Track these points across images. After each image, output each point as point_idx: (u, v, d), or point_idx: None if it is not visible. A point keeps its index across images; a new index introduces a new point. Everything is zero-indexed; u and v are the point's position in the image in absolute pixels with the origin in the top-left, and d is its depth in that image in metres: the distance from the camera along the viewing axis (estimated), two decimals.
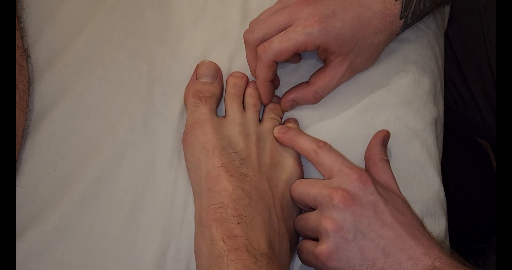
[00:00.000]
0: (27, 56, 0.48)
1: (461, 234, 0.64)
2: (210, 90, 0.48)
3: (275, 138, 0.47)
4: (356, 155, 0.48)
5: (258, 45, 0.46)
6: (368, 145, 0.47)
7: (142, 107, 0.48)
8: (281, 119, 0.50)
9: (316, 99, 0.49)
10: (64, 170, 0.45)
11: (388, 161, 0.46)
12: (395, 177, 0.46)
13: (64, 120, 0.47)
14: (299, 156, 0.48)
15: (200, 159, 0.44)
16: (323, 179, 0.45)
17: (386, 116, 0.49)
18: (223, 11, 0.51)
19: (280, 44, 0.45)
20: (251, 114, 0.48)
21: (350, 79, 0.49)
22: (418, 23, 0.52)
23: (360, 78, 0.50)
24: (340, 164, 0.43)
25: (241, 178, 0.43)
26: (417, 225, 0.42)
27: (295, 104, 0.49)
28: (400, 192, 0.45)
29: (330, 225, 0.41)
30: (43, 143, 0.46)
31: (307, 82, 0.49)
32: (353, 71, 0.48)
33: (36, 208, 0.44)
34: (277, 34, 0.45)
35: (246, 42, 0.47)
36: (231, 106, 0.48)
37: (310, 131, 0.49)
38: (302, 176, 0.47)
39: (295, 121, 0.49)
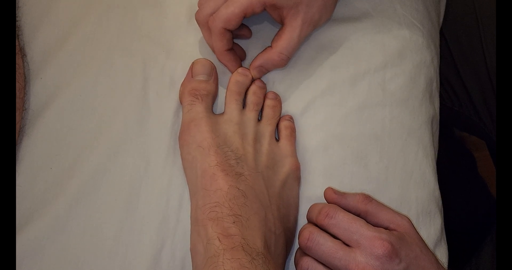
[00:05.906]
0: (23, 54, 0.48)
1: (456, 236, 0.64)
2: (206, 88, 0.47)
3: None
4: (352, 154, 0.48)
5: None
6: (338, 207, 0.43)
7: (137, 105, 0.48)
8: (279, 115, 0.49)
9: (282, 60, 0.48)
10: (60, 168, 0.45)
11: (361, 195, 0.44)
12: (391, 176, 0.45)
13: (59, 118, 0.47)
14: (296, 157, 0.47)
15: (196, 157, 0.44)
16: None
17: (382, 114, 0.49)
18: None
19: (226, 9, 0.45)
20: (249, 113, 0.48)
21: (346, 77, 0.49)
22: (413, 20, 0.51)
23: (356, 77, 0.50)
24: (357, 235, 0.41)
25: (237, 177, 0.43)
26: None
27: (264, 70, 0.49)
28: (407, 218, 0.43)
29: None
30: (39, 141, 0.46)
31: (270, 46, 0.49)
32: (311, 24, 0.47)
33: (32, 206, 0.44)
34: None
35: (198, 21, 0.47)
36: (230, 103, 0.48)
37: (306, 130, 0.49)
38: (299, 176, 0.47)
39: (290, 117, 0.49)
